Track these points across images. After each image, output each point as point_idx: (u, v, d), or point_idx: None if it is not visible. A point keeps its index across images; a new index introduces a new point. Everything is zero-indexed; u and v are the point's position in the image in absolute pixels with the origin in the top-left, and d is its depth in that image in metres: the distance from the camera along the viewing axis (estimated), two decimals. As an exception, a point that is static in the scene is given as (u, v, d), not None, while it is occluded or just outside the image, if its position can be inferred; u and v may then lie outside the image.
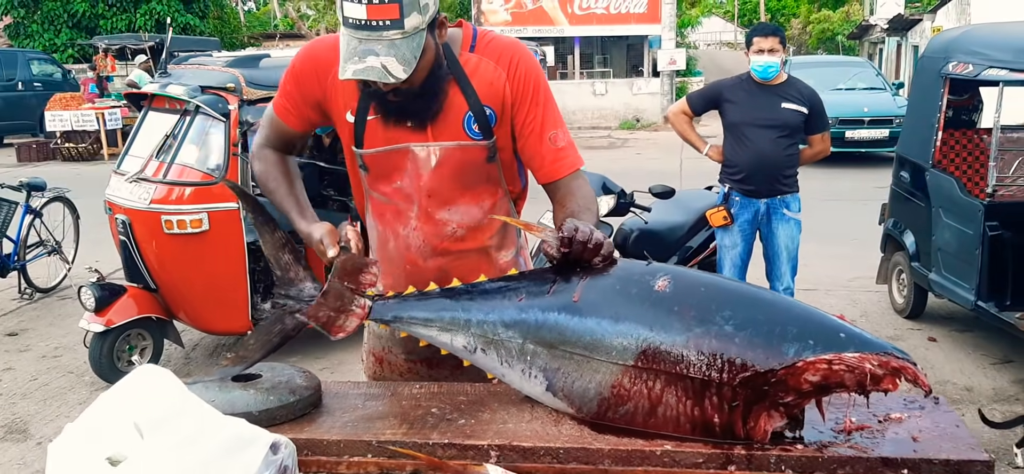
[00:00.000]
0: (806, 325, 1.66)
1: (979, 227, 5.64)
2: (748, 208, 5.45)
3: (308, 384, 2.00)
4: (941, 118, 6.15)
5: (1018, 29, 6.45)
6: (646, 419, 1.73)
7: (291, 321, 2.10)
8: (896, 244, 6.91)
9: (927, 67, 6.58)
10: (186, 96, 5.74)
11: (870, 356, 1.60)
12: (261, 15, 43.26)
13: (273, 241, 2.10)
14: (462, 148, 2.26)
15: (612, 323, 1.76)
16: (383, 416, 1.92)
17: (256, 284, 5.93)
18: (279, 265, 2.12)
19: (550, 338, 1.83)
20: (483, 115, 2.24)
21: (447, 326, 1.97)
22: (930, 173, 6.22)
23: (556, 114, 2.31)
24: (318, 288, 2.10)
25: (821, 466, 1.62)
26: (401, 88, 2.08)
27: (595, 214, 2.24)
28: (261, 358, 2.06)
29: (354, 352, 6.24)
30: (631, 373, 1.73)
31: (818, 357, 1.61)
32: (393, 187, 2.33)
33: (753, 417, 1.67)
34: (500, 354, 1.91)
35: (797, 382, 1.62)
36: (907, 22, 24.88)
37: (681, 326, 1.70)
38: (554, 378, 1.83)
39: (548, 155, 2.28)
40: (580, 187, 2.29)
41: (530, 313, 1.87)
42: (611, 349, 1.75)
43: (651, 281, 1.79)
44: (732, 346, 1.65)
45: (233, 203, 5.61)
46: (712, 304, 1.72)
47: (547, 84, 2.31)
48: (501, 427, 1.81)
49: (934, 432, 1.71)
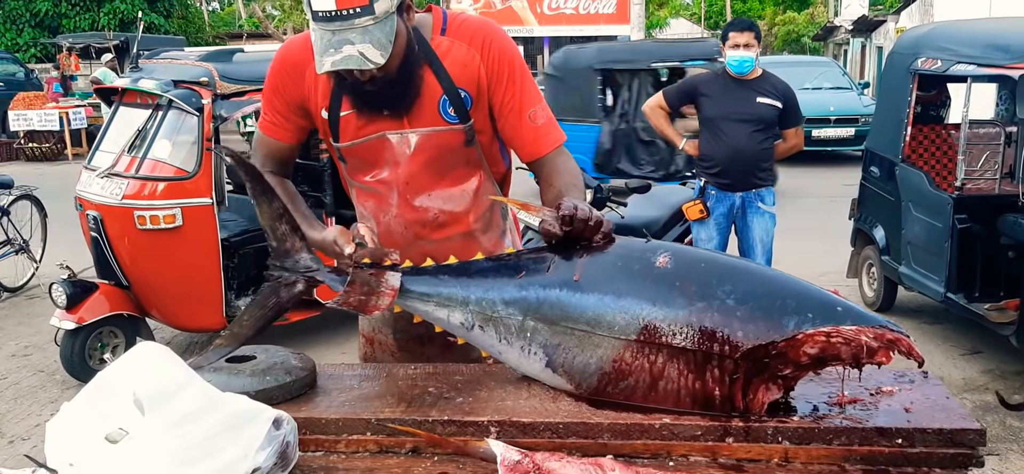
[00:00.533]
0: (804, 299, 1.69)
1: (948, 220, 5.74)
2: (724, 202, 5.50)
3: (303, 365, 1.99)
4: (910, 113, 6.25)
5: (985, 25, 6.58)
6: (646, 393, 1.75)
7: (286, 293, 2.08)
8: (866, 238, 7.01)
9: (896, 64, 6.68)
10: (159, 90, 5.69)
11: (866, 329, 1.63)
12: (226, 15, 42.95)
13: (271, 210, 2.07)
14: (439, 133, 2.25)
15: (615, 299, 1.77)
16: (380, 395, 1.91)
17: (230, 281, 5.90)
18: (275, 235, 2.08)
19: (551, 315, 1.83)
20: (458, 98, 2.23)
21: (444, 302, 1.97)
22: (900, 168, 6.32)
23: (534, 91, 2.30)
24: (315, 259, 2.09)
25: (817, 437, 1.65)
26: (377, 76, 2.07)
27: (582, 190, 2.25)
28: (257, 334, 2.04)
29: (333, 344, 6.23)
30: (633, 348, 1.74)
31: (817, 330, 1.63)
32: (373, 177, 2.32)
33: (752, 389, 1.69)
34: (499, 331, 1.91)
35: (796, 354, 1.65)
36: (871, 23, 25.25)
37: (684, 301, 1.71)
38: (554, 354, 1.84)
39: (528, 133, 2.28)
40: (565, 163, 2.29)
41: (530, 290, 1.87)
42: (614, 324, 1.76)
43: (652, 257, 1.80)
44: (734, 320, 1.67)
45: (207, 198, 5.58)
46: (713, 279, 1.74)
47: (523, 61, 2.31)
48: (499, 404, 1.82)
49: (925, 404, 1.74)
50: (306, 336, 6.25)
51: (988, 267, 5.74)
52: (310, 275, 2.09)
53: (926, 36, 6.52)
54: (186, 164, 5.61)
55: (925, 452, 1.62)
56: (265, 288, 2.10)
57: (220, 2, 46.76)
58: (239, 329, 2.05)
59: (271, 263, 2.10)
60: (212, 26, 35.74)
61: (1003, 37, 5.79)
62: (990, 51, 5.69)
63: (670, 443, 1.69)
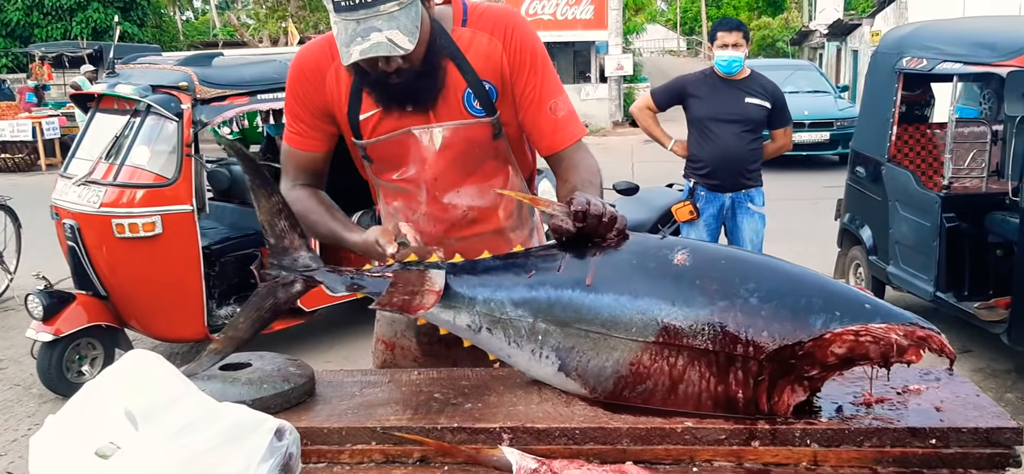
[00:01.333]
0: (831, 296, 1.61)
1: (936, 219, 5.72)
2: (713, 202, 5.46)
3: (301, 372, 1.90)
4: (895, 113, 6.23)
5: (969, 24, 6.58)
6: (665, 397, 1.66)
7: (284, 293, 1.99)
8: (853, 238, 6.98)
9: (880, 63, 6.67)
10: (137, 95, 5.57)
11: (896, 326, 1.55)
12: (200, 24, 42.62)
13: (269, 205, 1.97)
14: (466, 127, 2.18)
15: (631, 299, 1.69)
16: (384, 403, 1.82)
17: (211, 290, 5.79)
18: (273, 232, 1.99)
19: (564, 316, 1.75)
20: (483, 91, 2.16)
21: (450, 303, 1.87)
22: (886, 167, 6.30)
23: (556, 82, 2.23)
24: (314, 258, 2.00)
25: (847, 438, 1.57)
26: (403, 67, 2.01)
27: (599, 187, 2.17)
28: (253, 336, 1.95)
29: (316, 352, 6.12)
30: (652, 350, 1.66)
31: (845, 328, 1.56)
32: (400, 175, 2.25)
33: (777, 391, 1.61)
34: (508, 334, 1.82)
35: (824, 355, 1.57)
36: (846, 27, 25.39)
37: (704, 300, 1.63)
38: (567, 358, 1.75)
39: (548, 126, 2.21)
40: (583, 159, 2.21)
41: (541, 291, 1.78)
42: (631, 326, 1.67)
43: (669, 255, 1.72)
44: (758, 319, 1.59)
45: (187, 205, 5.47)
46: (735, 277, 1.66)
47: (545, 51, 2.24)
48: (511, 409, 1.73)
49: (956, 402, 1.67)
50: (287, 346, 6.13)
51: (977, 265, 5.73)
52: (309, 274, 1.99)
53: (910, 36, 6.51)
54: (165, 171, 5.50)
55: (960, 453, 1.55)
56: (262, 288, 2.00)
57: (194, 11, 46.41)
58: (235, 332, 1.95)
59: (268, 261, 2.01)
60: (186, 35, 35.41)
61: (989, 35, 5.79)
62: (976, 49, 5.68)
63: (693, 448, 1.60)
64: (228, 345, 1.93)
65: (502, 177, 2.29)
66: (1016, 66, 5.08)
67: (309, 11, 28.32)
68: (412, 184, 2.25)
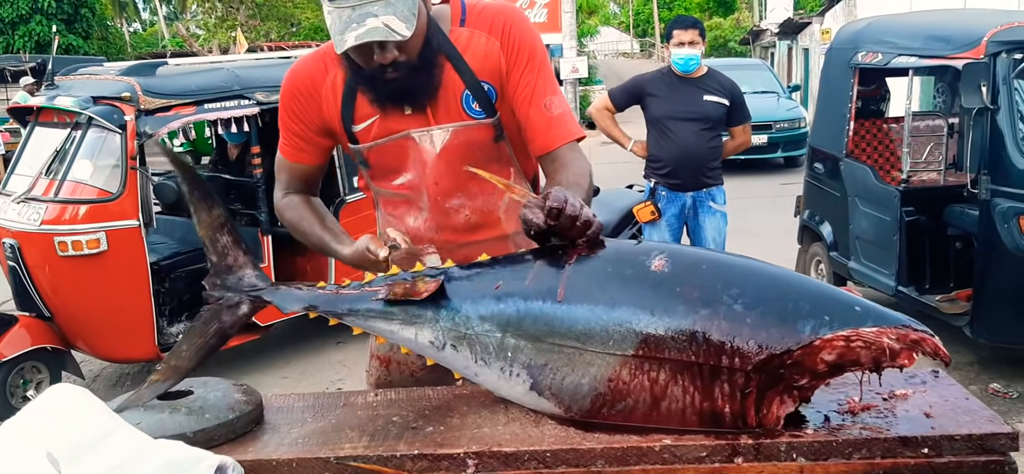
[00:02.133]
0: (819, 300, 1.52)
1: (896, 213, 5.71)
2: (675, 202, 5.39)
3: (248, 398, 1.76)
4: (852, 108, 6.22)
5: (923, 18, 6.60)
6: (646, 414, 1.56)
7: (230, 316, 1.85)
8: (813, 235, 6.96)
9: (836, 59, 6.66)
10: (77, 107, 5.36)
11: (888, 330, 1.47)
12: (148, 36, 41.91)
13: (210, 219, 1.85)
14: (466, 128, 2.10)
15: (607, 309, 1.58)
16: (338, 429, 1.69)
17: (161, 307, 5.60)
18: (215, 248, 1.86)
19: (535, 330, 1.63)
20: (481, 91, 2.08)
21: (411, 319, 1.75)
22: (844, 163, 6.28)
23: (552, 82, 2.13)
24: (261, 276, 1.88)
25: (836, 451, 1.48)
26: (399, 59, 1.93)
27: (587, 190, 2.03)
28: (198, 365, 1.80)
29: (273, 369, 5.94)
30: (631, 364, 1.55)
31: (835, 334, 1.47)
32: (399, 180, 2.17)
33: (766, 404, 1.51)
34: (474, 351, 1.70)
35: (813, 362, 1.48)
36: (797, 25, 25.63)
37: (686, 308, 1.53)
38: (540, 375, 1.63)
39: (541, 123, 2.09)
40: (574, 160, 2.09)
41: (510, 303, 1.67)
42: (608, 338, 1.57)
43: (646, 260, 1.61)
44: (744, 327, 1.49)
45: (133, 220, 5.28)
46: (717, 282, 1.56)
47: (544, 50, 2.15)
48: (475, 432, 1.61)
49: (946, 406, 1.59)
50: (243, 363, 5.94)
51: (937, 259, 5.73)
52: (256, 295, 1.86)
53: (865, 30, 6.50)
54: (109, 185, 5.30)
55: (954, 461, 1.47)
56: (205, 312, 1.86)
57: (142, 23, 45.66)
58: (177, 361, 1.80)
59: (210, 282, 1.87)
60: (134, 47, 34.79)
61: (943, 28, 5.80)
62: (931, 42, 5.69)
63: (673, 467, 1.50)
64: (170, 376, 1.78)
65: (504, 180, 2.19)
66: (971, 58, 5.08)
67: (259, 20, 27.97)
68: (412, 190, 2.17)
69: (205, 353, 1.84)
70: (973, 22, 5.59)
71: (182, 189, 1.84)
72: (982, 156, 5.08)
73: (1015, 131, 4.92)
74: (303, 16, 30.41)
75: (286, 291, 1.88)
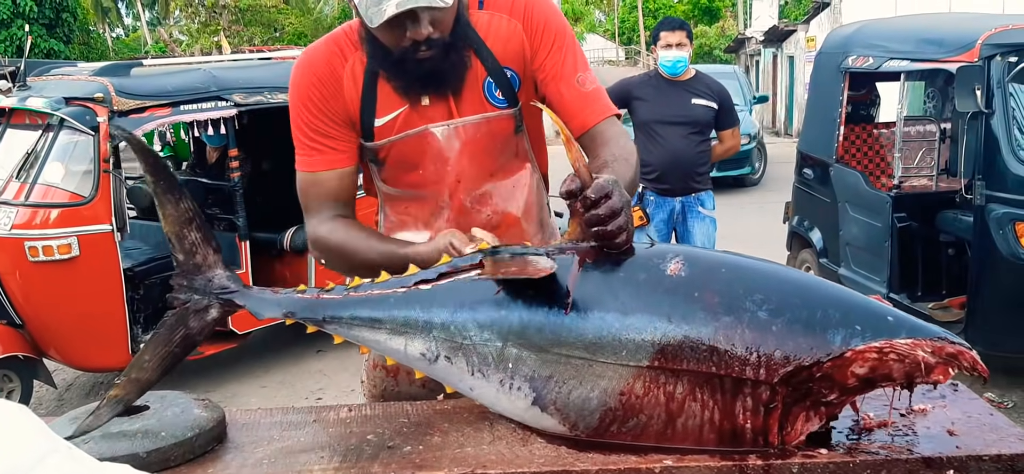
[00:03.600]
0: (849, 309, 1.39)
1: (887, 219, 5.62)
2: (664, 207, 5.28)
3: (209, 415, 1.60)
4: (842, 113, 6.14)
5: (914, 21, 6.52)
6: (660, 432, 1.42)
7: (197, 322, 1.68)
8: (803, 241, 6.87)
9: (825, 64, 6.58)
10: (48, 109, 5.21)
11: (923, 342, 1.34)
12: (130, 41, 41.59)
13: (177, 214, 1.67)
14: (487, 121, 1.93)
15: (620, 317, 1.44)
16: (307, 449, 1.54)
17: (136, 314, 5.46)
18: (182, 246, 1.68)
19: (539, 340, 1.48)
20: (504, 79, 1.93)
21: (400, 328, 1.59)
22: (834, 168, 6.20)
23: (582, 58, 1.98)
24: (232, 277, 1.70)
25: (852, 473, 1.35)
26: (434, 37, 1.77)
27: (634, 169, 1.86)
28: (163, 376, 1.63)
29: (251, 380, 5.78)
30: (645, 376, 1.41)
31: (868, 345, 1.34)
32: (416, 178, 1.98)
33: (790, 420, 1.38)
34: (471, 362, 1.54)
35: (843, 376, 1.35)
36: (781, 33, 25.65)
37: (706, 316, 1.40)
38: (544, 389, 1.49)
39: (576, 100, 1.92)
40: (616, 136, 1.92)
41: (512, 310, 1.51)
42: (620, 348, 1.42)
43: (661, 264, 1.47)
44: (769, 336, 1.36)
45: (106, 225, 5.14)
46: (739, 287, 1.43)
47: (570, 28, 1.99)
48: (458, 452, 1.47)
49: (970, 423, 1.46)
50: (219, 373, 5.78)
51: (929, 265, 5.65)
52: (227, 297, 1.68)
53: (855, 34, 6.42)
54: (81, 188, 5.16)
55: (982, 484, 1.34)
56: (170, 317, 1.68)
57: (124, 28, 45.29)
58: (139, 373, 1.62)
59: (176, 282, 1.69)
60: (116, 52, 34.46)
61: (935, 31, 5.72)
62: (923, 46, 5.61)
63: (674, 490, 1.36)
64: (131, 390, 1.61)
65: (524, 175, 2.05)
66: (965, 61, 4.99)
67: (242, 26, 27.78)
68: (430, 188, 1.98)
69: (170, 363, 1.66)
70: (966, 25, 5.51)
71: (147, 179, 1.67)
72: (976, 161, 5.00)
73: (1010, 136, 4.83)
74: (287, 21, 30.27)
75: (260, 294, 1.71)
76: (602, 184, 1.49)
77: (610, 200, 1.48)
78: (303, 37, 28.81)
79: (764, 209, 10.47)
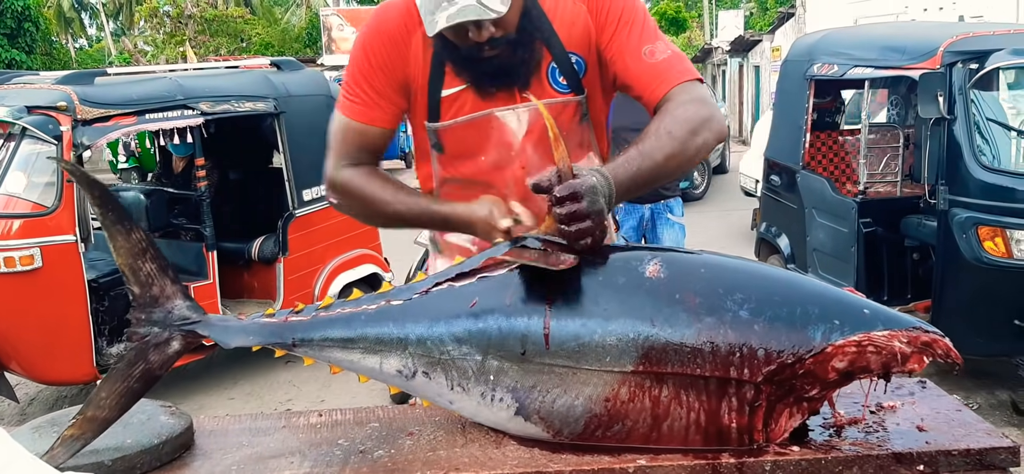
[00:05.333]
0: (827, 303, 1.41)
1: (853, 224, 5.68)
2: (633, 214, 5.30)
3: (176, 422, 1.58)
4: (809, 120, 6.20)
5: (878, 29, 6.62)
6: (646, 435, 1.42)
7: (158, 356, 1.62)
8: (770, 247, 6.92)
9: (791, 71, 6.64)
10: (9, 118, 5.11)
11: (899, 333, 1.36)
12: (94, 52, 41.11)
13: (129, 245, 1.61)
14: (552, 107, 1.85)
15: (603, 322, 1.43)
16: (277, 454, 1.52)
17: (100, 327, 5.35)
18: (138, 278, 1.63)
19: (521, 350, 1.47)
20: (569, 64, 1.88)
21: (374, 347, 1.56)
22: (801, 175, 6.26)
23: (651, 31, 1.86)
24: (193, 306, 1.65)
25: (825, 470, 1.36)
26: (496, 35, 1.73)
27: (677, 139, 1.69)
28: (120, 414, 1.56)
29: (219, 391, 5.70)
30: (630, 381, 1.41)
31: (847, 339, 1.35)
32: (478, 164, 1.93)
33: (775, 417, 1.38)
34: (450, 377, 1.52)
35: (825, 371, 1.36)
36: (747, 43, 25.87)
37: (688, 317, 1.40)
38: (527, 398, 1.47)
39: (644, 73, 1.80)
40: (677, 106, 1.74)
41: (490, 321, 1.50)
42: (604, 354, 1.42)
43: (639, 266, 1.47)
44: (752, 335, 1.37)
45: (69, 236, 5.03)
46: (719, 287, 1.43)
47: (640, 5, 1.91)
48: (430, 455, 1.46)
49: (938, 419, 1.48)
50: (186, 384, 5.70)
51: (895, 270, 5.71)
52: (189, 328, 1.63)
53: (821, 42, 6.50)
54: (44, 199, 5.06)
55: (952, 479, 1.35)
56: (129, 352, 1.62)
57: (88, 38, 44.76)
58: (95, 411, 1.55)
59: (134, 317, 1.63)
60: (80, 63, 34.06)
61: (898, 39, 5.80)
62: (887, 53, 5.68)
63: (648, 490, 1.36)
64: (87, 429, 1.53)
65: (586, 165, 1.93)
66: (928, 68, 5.06)
67: (208, 36, 27.54)
68: (493, 175, 1.92)
69: (128, 400, 1.59)
70: (929, 33, 5.60)
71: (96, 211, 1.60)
72: (939, 167, 5.07)
73: (972, 141, 4.90)
74: (254, 32, 30.04)
75: (223, 322, 1.67)
76: (573, 185, 1.47)
77: (576, 203, 1.46)
78: (270, 48, 28.63)
79: (731, 215, 10.55)
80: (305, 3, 32.58)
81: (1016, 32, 5.34)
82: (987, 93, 5.25)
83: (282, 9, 34.44)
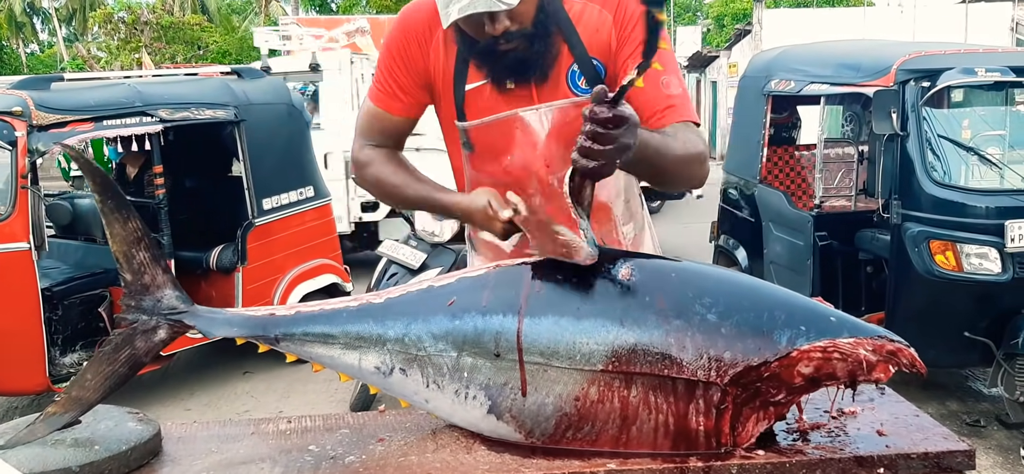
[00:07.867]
0: (793, 310, 1.45)
1: (809, 238, 5.78)
2: (595, 226, 5.33)
3: (144, 428, 1.57)
4: (766, 135, 6.30)
5: (834, 47, 6.74)
6: (615, 437, 1.44)
7: (145, 343, 1.65)
8: (728, 259, 7.00)
9: (749, 87, 6.75)
10: (-38, 123, 5.00)
11: (864, 341, 1.40)
12: (46, 58, 40.41)
13: (125, 233, 1.65)
14: (576, 105, 1.87)
15: (574, 321, 1.46)
16: (246, 461, 1.52)
17: (54, 336, 5.26)
18: (130, 266, 1.66)
19: (494, 347, 1.49)
20: (590, 67, 1.91)
21: (354, 343, 1.59)
22: (758, 189, 6.35)
23: (670, 61, 1.93)
24: (182, 297, 1.68)
25: (789, 472, 1.39)
26: (511, 28, 1.77)
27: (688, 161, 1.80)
28: (106, 396, 1.59)
29: (176, 401, 5.63)
30: (600, 381, 1.43)
31: (812, 345, 1.39)
32: (505, 164, 1.96)
33: (742, 421, 1.41)
34: (426, 373, 1.54)
35: (790, 375, 1.39)
36: (705, 59, 26.24)
37: (657, 319, 1.43)
38: (499, 396, 1.49)
39: (657, 99, 1.86)
40: (690, 137, 1.84)
41: (466, 318, 1.52)
42: (574, 353, 1.44)
43: (612, 269, 1.50)
44: (718, 338, 1.40)
45: (23, 243, 4.94)
46: (688, 291, 1.46)
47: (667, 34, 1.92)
48: (402, 461, 1.47)
49: (897, 424, 1.52)
50: (142, 394, 5.62)
51: (849, 282, 5.81)
52: (176, 318, 1.66)
53: (778, 58, 6.61)
54: (-3, 206, 4.95)
55: (911, 482, 1.39)
56: (116, 336, 1.65)
57: (40, 44, 43.99)
58: (80, 392, 1.58)
59: (124, 303, 1.67)
60: (31, 68, 33.45)
61: (854, 57, 5.92)
62: (842, 70, 5.80)
63: (617, 494, 1.38)
64: (72, 408, 1.56)
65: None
66: (882, 86, 5.18)
67: (164, 43, 27.21)
68: (519, 174, 1.95)
69: (113, 383, 1.62)
70: (882, 51, 5.72)
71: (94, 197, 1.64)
72: (892, 182, 5.18)
73: (924, 157, 5.02)
74: (211, 39, 29.74)
75: (210, 314, 1.69)
76: (625, 112, 1.48)
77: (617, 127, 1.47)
78: (227, 55, 28.35)
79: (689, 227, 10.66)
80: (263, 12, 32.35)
81: (967, 52, 5.49)
82: (938, 110, 5.38)
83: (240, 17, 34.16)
